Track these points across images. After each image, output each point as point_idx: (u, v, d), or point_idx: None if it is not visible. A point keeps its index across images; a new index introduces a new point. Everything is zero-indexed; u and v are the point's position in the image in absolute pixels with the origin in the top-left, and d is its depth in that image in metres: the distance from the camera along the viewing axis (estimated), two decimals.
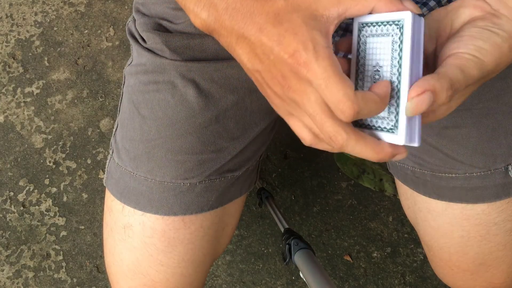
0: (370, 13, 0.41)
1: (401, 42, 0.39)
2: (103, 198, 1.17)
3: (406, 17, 0.39)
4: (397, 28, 0.39)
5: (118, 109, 0.67)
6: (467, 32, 0.41)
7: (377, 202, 1.16)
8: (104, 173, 0.86)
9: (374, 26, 0.41)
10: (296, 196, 1.16)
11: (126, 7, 1.27)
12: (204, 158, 0.61)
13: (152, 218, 0.61)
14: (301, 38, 0.38)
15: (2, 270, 1.14)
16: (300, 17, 0.40)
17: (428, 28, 0.44)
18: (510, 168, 0.62)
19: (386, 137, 0.40)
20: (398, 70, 0.39)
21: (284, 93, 0.41)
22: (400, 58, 0.39)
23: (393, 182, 1.08)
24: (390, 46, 0.40)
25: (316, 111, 0.39)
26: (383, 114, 0.40)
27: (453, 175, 0.63)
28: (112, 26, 1.26)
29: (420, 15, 0.40)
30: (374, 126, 0.41)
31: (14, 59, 1.24)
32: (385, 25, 0.40)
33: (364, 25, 0.42)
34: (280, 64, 0.39)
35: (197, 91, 0.60)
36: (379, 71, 0.41)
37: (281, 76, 0.40)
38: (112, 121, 1.20)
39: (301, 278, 0.78)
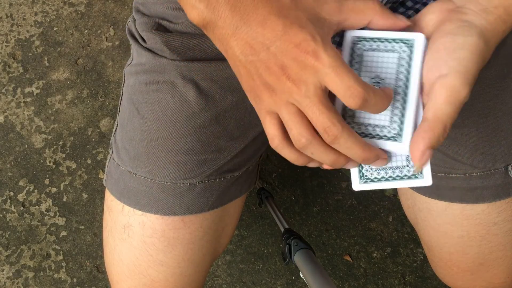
0: (364, 28, 0.44)
1: (411, 59, 0.42)
2: (103, 198, 1.17)
3: (419, 38, 0.42)
4: (406, 46, 0.42)
5: (118, 109, 0.67)
6: (441, 44, 0.41)
7: (377, 202, 1.16)
8: (104, 173, 0.86)
9: (375, 41, 0.43)
10: (296, 196, 1.16)
11: (126, 7, 1.27)
12: (204, 158, 0.61)
13: (152, 218, 0.61)
14: (308, 30, 0.39)
15: (2, 270, 1.14)
16: (305, 16, 0.40)
17: None
18: (510, 168, 0.62)
19: (388, 145, 0.43)
20: (404, 83, 0.42)
21: (279, 84, 0.41)
22: (408, 73, 0.42)
23: None
24: (396, 61, 0.42)
25: (314, 101, 0.40)
26: (384, 123, 0.43)
27: (453, 175, 0.63)
28: (112, 26, 1.26)
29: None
30: (377, 135, 0.43)
31: (14, 59, 1.24)
32: (390, 42, 0.42)
33: (361, 39, 0.44)
34: (282, 54, 0.40)
35: (197, 91, 0.60)
36: (379, 83, 0.43)
37: (280, 66, 0.40)
38: (112, 121, 1.20)
39: (301, 278, 0.78)
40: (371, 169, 0.45)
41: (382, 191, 1.17)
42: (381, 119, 0.43)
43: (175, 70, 0.60)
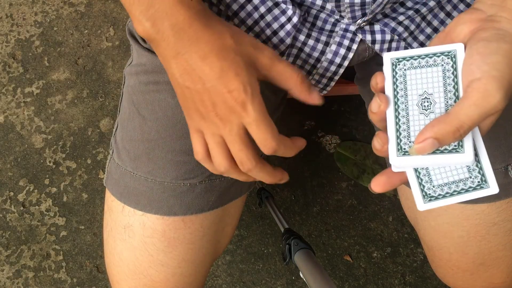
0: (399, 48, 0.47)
1: (455, 69, 0.43)
2: (103, 198, 1.17)
3: (459, 48, 0.43)
4: (448, 58, 0.43)
5: (118, 109, 0.67)
6: (475, 50, 0.41)
7: (377, 202, 1.16)
8: (104, 173, 0.86)
9: (415, 59, 0.44)
10: (296, 196, 1.16)
11: None
12: None
13: (152, 218, 0.61)
14: (242, 80, 0.45)
15: (2, 270, 1.14)
16: (242, 61, 0.45)
17: None
18: (510, 168, 0.62)
19: (450, 158, 0.42)
20: (455, 94, 0.42)
21: (208, 116, 0.47)
22: (456, 83, 0.42)
23: None
24: (442, 74, 0.43)
25: (235, 140, 0.47)
26: (464, 175, 0.43)
27: None
28: (112, 26, 1.26)
29: None
30: (456, 191, 0.44)
31: (14, 59, 1.24)
32: (431, 57, 0.44)
33: (401, 59, 0.45)
34: (215, 93, 0.45)
35: None
36: (429, 98, 0.44)
37: (211, 102, 0.46)
38: (112, 121, 1.20)
39: (301, 278, 0.78)
40: (433, 186, 0.44)
41: None
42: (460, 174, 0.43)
43: None
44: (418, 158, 0.42)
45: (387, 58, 0.46)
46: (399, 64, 0.45)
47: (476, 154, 0.42)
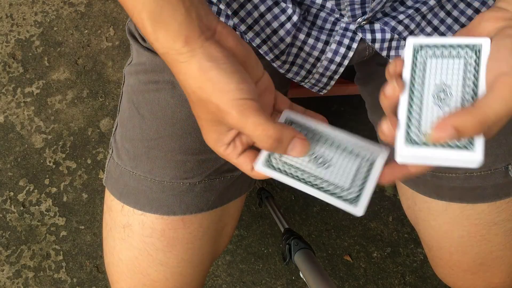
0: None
1: (477, 65, 0.41)
2: (103, 198, 1.17)
3: (485, 42, 0.41)
4: (472, 51, 0.42)
5: (118, 108, 0.67)
6: (503, 45, 0.40)
7: (377, 202, 1.16)
8: (104, 173, 0.86)
9: (438, 48, 0.43)
10: (296, 196, 1.16)
11: None
12: (204, 158, 0.61)
13: (152, 217, 0.61)
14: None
15: (2, 270, 1.14)
16: (206, 119, 0.45)
17: None
18: (510, 168, 0.62)
19: (458, 155, 0.40)
20: (473, 90, 0.41)
21: None
22: (476, 79, 0.41)
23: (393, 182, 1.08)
24: (463, 67, 0.42)
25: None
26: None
27: (453, 174, 0.62)
28: (112, 26, 1.26)
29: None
30: (450, 145, 0.41)
31: (14, 59, 1.24)
32: (454, 48, 0.42)
33: (424, 46, 0.44)
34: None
35: None
36: (445, 90, 0.42)
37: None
38: (112, 121, 1.20)
39: (301, 278, 0.78)
40: (419, 132, 0.42)
41: (382, 191, 1.16)
42: None
43: None
44: (425, 150, 0.41)
45: (410, 43, 0.44)
46: (421, 51, 0.44)
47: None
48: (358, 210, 0.45)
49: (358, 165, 0.46)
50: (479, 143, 0.39)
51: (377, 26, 0.58)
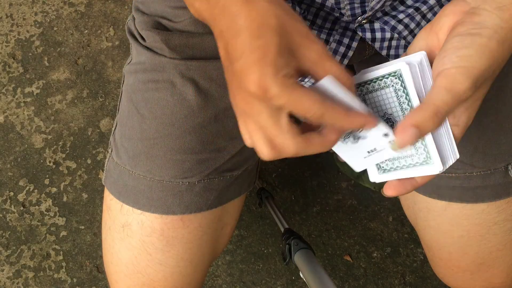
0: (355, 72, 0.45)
1: (405, 87, 0.43)
2: (103, 198, 1.17)
3: (403, 67, 0.43)
4: (396, 78, 0.43)
5: (117, 108, 0.67)
6: (450, 44, 0.41)
7: (377, 202, 1.16)
8: (103, 173, 0.86)
9: (369, 84, 0.45)
10: (296, 196, 1.16)
11: (126, 7, 1.27)
12: (203, 157, 0.61)
13: (151, 217, 0.61)
14: (269, 62, 0.38)
15: (2, 270, 1.14)
16: (279, 45, 0.39)
17: (417, 48, 0.45)
18: (510, 168, 0.62)
19: (422, 170, 0.44)
20: (411, 110, 0.43)
21: (241, 98, 0.42)
22: (409, 101, 0.43)
23: None
24: (394, 94, 0.44)
25: (267, 125, 0.40)
26: (411, 152, 0.44)
27: (453, 174, 0.62)
28: (112, 26, 1.26)
29: (409, 63, 0.43)
30: (404, 165, 0.45)
31: (14, 59, 1.24)
32: (381, 80, 0.44)
33: (358, 86, 0.46)
34: (240, 75, 0.39)
35: (196, 90, 0.60)
36: (390, 118, 0.45)
37: (238, 85, 0.40)
38: (112, 121, 1.20)
39: (301, 278, 0.78)
40: (387, 160, 0.46)
41: (382, 191, 1.16)
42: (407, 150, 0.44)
43: (174, 68, 0.60)
44: (395, 174, 0.45)
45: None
46: (360, 90, 0.46)
47: (444, 163, 0.43)
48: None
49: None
50: (435, 155, 0.43)
51: (377, 25, 0.58)
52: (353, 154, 0.46)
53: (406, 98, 0.43)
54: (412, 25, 0.58)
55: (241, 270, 1.13)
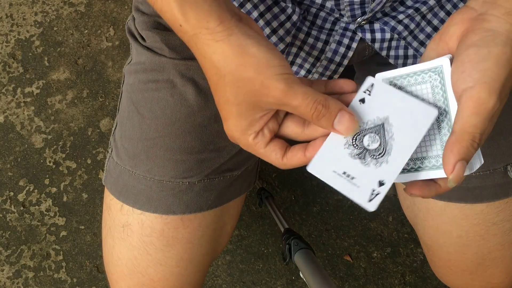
0: (389, 68, 0.45)
1: (443, 85, 0.43)
2: (103, 198, 1.17)
3: (445, 63, 0.43)
4: (436, 74, 0.43)
5: (117, 108, 0.67)
6: (466, 57, 0.41)
7: None
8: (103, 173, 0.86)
9: (404, 78, 0.45)
10: (296, 196, 1.16)
11: (126, 7, 1.27)
12: (203, 157, 0.61)
13: (151, 217, 0.61)
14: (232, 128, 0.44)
15: (2, 270, 1.14)
16: (235, 111, 0.43)
17: (429, 59, 0.45)
18: (509, 168, 0.62)
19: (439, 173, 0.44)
20: (444, 110, 0.43)
21: None
22: (445, 99, 0.43)
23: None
24: (431, 90, 0.44)
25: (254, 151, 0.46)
26: (436, 152, 0.44)
27: None
28: (112, 26, 1.26)
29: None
30: (427, 166, 0.44)
31: (14, 59, 1.24)
32: (419, 75, 0.44)
33: (392, 79, 0.45)
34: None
35: (196, 90, 0.60)
36: None
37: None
38: (112, 121, 1.20)
39: (301, 278, 0.78)
40: (410, 160, 0.45)
41: None
42: (432, 149, 0.44)
43: (174, 68, 0.60)
44: (416, 174, 0.45)
45: (379, 79, 0.46)
46: (394, 84, 0.45)
47: (471, 169, 0.43)
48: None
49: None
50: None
51: (376, 26, 0.58)
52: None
53: (442, 96, 0.43)
54: (412, 26, 0.58)
55: (241, 270, 1.13)
